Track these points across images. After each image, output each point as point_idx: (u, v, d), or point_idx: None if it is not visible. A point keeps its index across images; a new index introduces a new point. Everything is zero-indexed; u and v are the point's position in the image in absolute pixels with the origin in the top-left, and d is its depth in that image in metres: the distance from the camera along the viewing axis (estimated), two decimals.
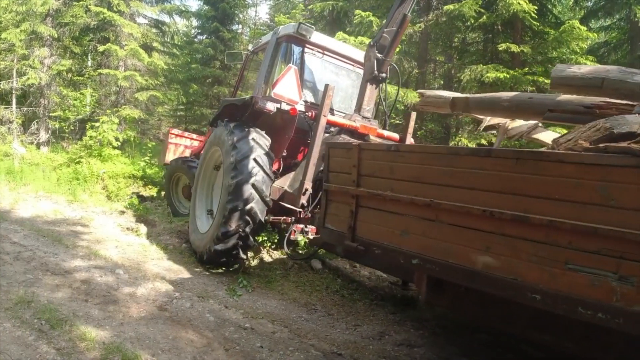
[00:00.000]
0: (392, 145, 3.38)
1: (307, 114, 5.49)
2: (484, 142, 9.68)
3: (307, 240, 5.21)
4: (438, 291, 3.15)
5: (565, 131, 6.15)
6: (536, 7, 9.40)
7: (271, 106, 5.21)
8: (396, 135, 5.95)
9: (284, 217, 5.14)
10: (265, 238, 5.94)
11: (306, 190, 4.98)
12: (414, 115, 6.03)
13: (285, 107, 5.22)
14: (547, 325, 2.73)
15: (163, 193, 9.16)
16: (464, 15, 9.95)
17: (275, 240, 6.03)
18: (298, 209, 5.01)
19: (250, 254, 5.63)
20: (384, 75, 5.53)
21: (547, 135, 5.46)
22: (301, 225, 5.00)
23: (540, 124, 5.42)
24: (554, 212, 2.20)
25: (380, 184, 3.30)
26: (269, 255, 6.00)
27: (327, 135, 5.33)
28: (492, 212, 2.45)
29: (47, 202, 7.66)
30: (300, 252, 6.18)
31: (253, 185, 4.91)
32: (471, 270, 2.56)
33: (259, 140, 5.15)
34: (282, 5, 21.08)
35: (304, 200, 5.00)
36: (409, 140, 5.90)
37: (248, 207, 4.90)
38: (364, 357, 3.76)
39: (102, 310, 3.85)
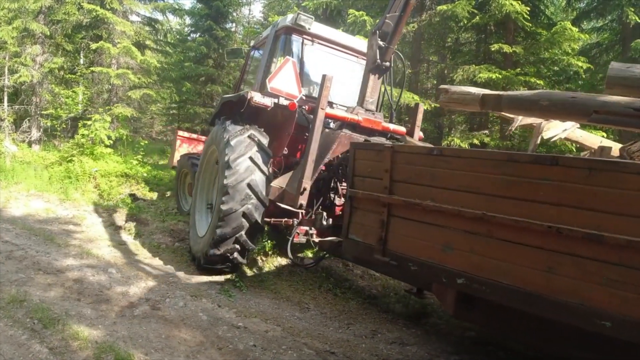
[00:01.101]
0: (434, 149, 3.08)
1: (303, 107, 5.18)
2: (475, 142, 9.75)
3: (313, 244, 4.93)
4: (468, 306, 2.93)
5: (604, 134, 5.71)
6: (529, 8, 9.48)
7: (268, 101, 4.97)
8: (403, 129, 5.68)
9: (285, 219, 4.85)
10: (259, 250, 5.83)
11: (304, 189, 4.68)
12: (421, 107, 5.82)
13: (283, 102, 5.00)
14: (593, 344, 2.54)
15: (167, 193, 9.20)
16: (457, 16, 10.01)
17: (269, 251, 5.93)
18: (297, 210, 4.75)
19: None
20: (387, 64, 5.15)
21: (588, 138, 5.15)
22: (305, 228, 4.76)
23: (577, 126, 5.05)
24: (632, 231, 2.00)
25: (419, 192, 2.98)
26: (261, 257, 5.98)
27: (327, 130, 5.12)
28: (559, 228, 2.22)
29: (39, 200, 7.61)
30: (300, 255, 6.05)
31: (244, 214, 4.70)
32: (529, 293, 2.32)
33: (257, 160, 4.84)
34: (276, 4, 21.02)
35: (302, 200, 4.71)
36: (418, 133, 5.68)
37: (238, 235, 4.74)
38: (357, 355, 3.78)
39: (95, 309, 3.84)
